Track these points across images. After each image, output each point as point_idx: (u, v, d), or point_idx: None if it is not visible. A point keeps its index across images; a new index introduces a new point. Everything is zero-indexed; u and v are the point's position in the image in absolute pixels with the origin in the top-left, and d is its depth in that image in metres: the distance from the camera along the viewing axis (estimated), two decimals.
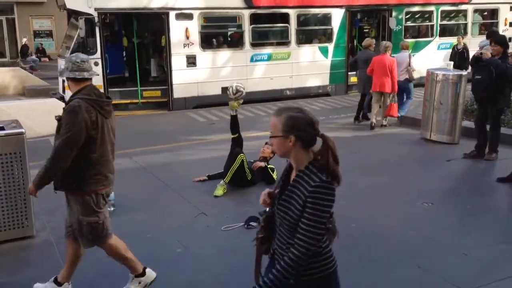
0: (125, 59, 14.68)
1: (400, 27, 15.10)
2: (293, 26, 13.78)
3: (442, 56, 15.36)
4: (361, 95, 10.80)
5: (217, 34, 13.70)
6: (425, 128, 8.92)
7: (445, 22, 16.19)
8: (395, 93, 10.00)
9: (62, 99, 10.80)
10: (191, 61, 12.71)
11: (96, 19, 11.72)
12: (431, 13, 15.74)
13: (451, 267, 4.43)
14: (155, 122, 11.52)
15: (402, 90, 10.65)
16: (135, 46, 13.73)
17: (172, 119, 11.88)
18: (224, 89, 7.89)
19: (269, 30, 14.22)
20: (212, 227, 5.36)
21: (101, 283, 4.29)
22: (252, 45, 13.44)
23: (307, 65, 14.09)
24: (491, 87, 7.13)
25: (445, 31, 16.09)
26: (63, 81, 12.25)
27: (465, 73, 8.83)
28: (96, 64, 11.88)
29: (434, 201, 6.02)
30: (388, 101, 9.99)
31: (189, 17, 12.59)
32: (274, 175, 6.69)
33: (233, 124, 6.67)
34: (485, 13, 17.31)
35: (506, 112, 8.84)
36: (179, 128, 10.54)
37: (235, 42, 13.84)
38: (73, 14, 12.68)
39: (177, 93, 12.72)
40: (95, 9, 11.69)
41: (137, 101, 12.84)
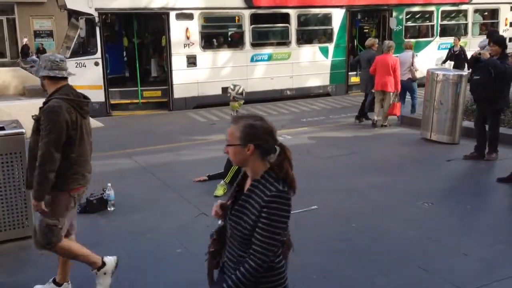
0: (125, 59, 14.66)
1: (401, 27, 15.10)
2: (293, 26, 13.78)
3: (443, 56, 15.36)
4: (365, 95, 10.82)
5: (218, 34, 13.70)
6: (425, 128, 8.91)
7: (445, 22, 16.18)
8: (398, 92, 10.02)
9: None
10: (191, 61, 12.71)
11: (97, 19, 11.72)
12: (431, 13, 15.73)
13: (451, 267, 4.43)
14: (155, 122, 11.51)
15: (405, 90, 10.69)
16: (135, 46, 13.72)
17: (172, 119, 11.88)
18: (224, 89, 7.88)
19: (269, 30, 14.21)
20: (212, 227, 5.31)
21: None
22: (253, 45, 13.44)
23: (307, 65, 14.09)
24: (489, 87, 7.11)
25: (445, 31, 16.08)
26: None
27: (465, 73, 8.83)
28: (96, 64, 11.92)
29: (434, 201, 6.02)
30: (390, 101, 9.98)
31: (189, 17, 12.59)
32: None
33: None
34: (486, 13, 17.30)
35: (506, 112, 8.84)
36: (179, 128, 10.54)
37: (235, 42, 13.83)
38: (73, 14, 12.69)
39: (177, 93, 12.72)
40: (96, 9, 11.70)
41: (137, 101, 12.83)
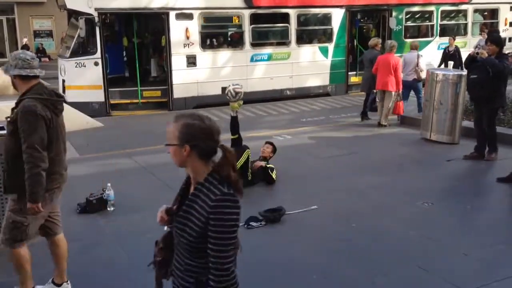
0: (125, 59, 14.65)
1: (400, 27, 15.09)
2: (293, 26, 13.78)
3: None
4: (366, 94, 10.83)
5: (217, 34, 13.70)
6: (425, 128, 8.91)
7: (445, 22, 16.18)
8: (400, 91, 10.01)
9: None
10: (191, 61, 12.70)
11: (96, 19, 11.71)
12: (431, 13, 15.73)
13: (451, 267, 4.43)
14: (155, 122, 11.49)
15: (409, 89, 10.73)
16: (135, 46, 13.71)
17: (172, 119, 11.85)
18: (224, 89, 7.86)
19: (269, 30, 14.21)
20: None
21: (103, 276, 4.31)
22: (252, 45, 13.43)
23: (307, 65, 14.08)
24: (487, 86, 7.09)
25: (445, 31, 16.08)
26: (63, 81, 12.24)
27: (465, 73, 8.82)
28: (96, 64, 11.91)
29: (434, 201, 6.02)
30: (391, 100, 9.97)
31: (189, 17, 12.58)
32: (274, 174, 6.69)
33: (233, 125, 6.66)
34: (485, 13, 17.31)
35: (506, 112, 8.84)
36: None
37: (235, 42, 13.83)
38: (73, 14, 12.68)
39: (177, 93, 12.71)
40: (95, 9, 11.69)
41: (137, 101, 12.83)
